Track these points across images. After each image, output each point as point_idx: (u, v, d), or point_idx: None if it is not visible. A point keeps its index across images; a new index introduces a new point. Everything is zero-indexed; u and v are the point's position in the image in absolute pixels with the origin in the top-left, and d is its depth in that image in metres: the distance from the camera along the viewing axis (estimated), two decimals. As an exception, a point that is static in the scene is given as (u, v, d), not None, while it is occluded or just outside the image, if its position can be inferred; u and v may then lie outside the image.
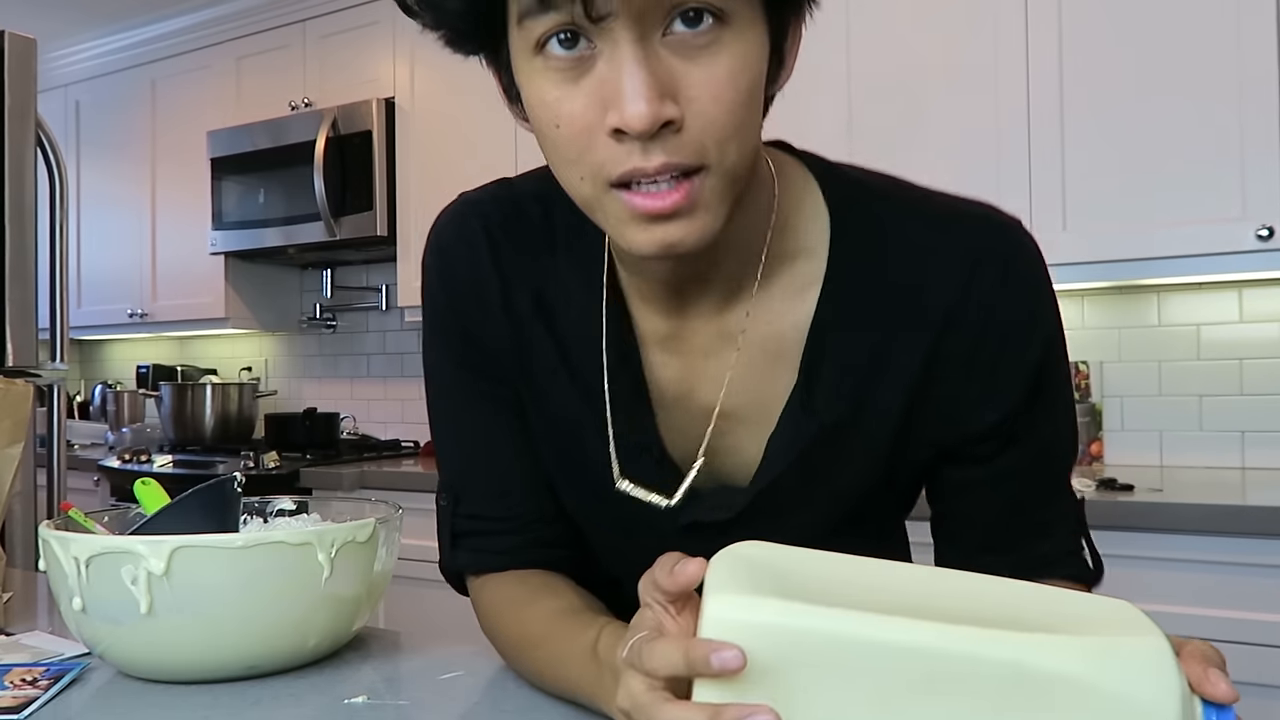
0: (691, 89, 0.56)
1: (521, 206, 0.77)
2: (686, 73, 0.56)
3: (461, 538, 0.83)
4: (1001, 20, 2.14)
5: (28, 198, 1.92)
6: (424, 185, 3.01)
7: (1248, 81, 1.92)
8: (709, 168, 0.58)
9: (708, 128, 0.57)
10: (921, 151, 2.18)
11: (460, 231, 0.79)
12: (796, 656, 0.49)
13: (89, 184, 3.85)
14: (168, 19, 3.59)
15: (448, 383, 0.83)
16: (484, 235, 0.77)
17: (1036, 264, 0.73)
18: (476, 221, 0.78)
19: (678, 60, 0.56)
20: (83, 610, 0.76)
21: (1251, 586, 1.66)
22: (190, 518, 0.82)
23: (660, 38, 0.56)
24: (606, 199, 0.59)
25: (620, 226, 0.60)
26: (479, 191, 0.80)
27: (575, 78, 0.57)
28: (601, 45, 0.56)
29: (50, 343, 2.02)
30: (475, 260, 0.77)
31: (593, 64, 0.57)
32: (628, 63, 0.55)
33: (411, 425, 3.44)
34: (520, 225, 0.77)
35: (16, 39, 1.91)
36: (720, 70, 0.56)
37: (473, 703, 0.75)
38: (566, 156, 0.60)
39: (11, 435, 1.03)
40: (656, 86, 0.55)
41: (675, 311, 0.73)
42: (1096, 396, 2.34)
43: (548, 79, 0.58)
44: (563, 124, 0.58)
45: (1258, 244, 1.90)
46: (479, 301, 0.78)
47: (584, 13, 0.54)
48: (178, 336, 4.05)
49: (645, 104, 0.54)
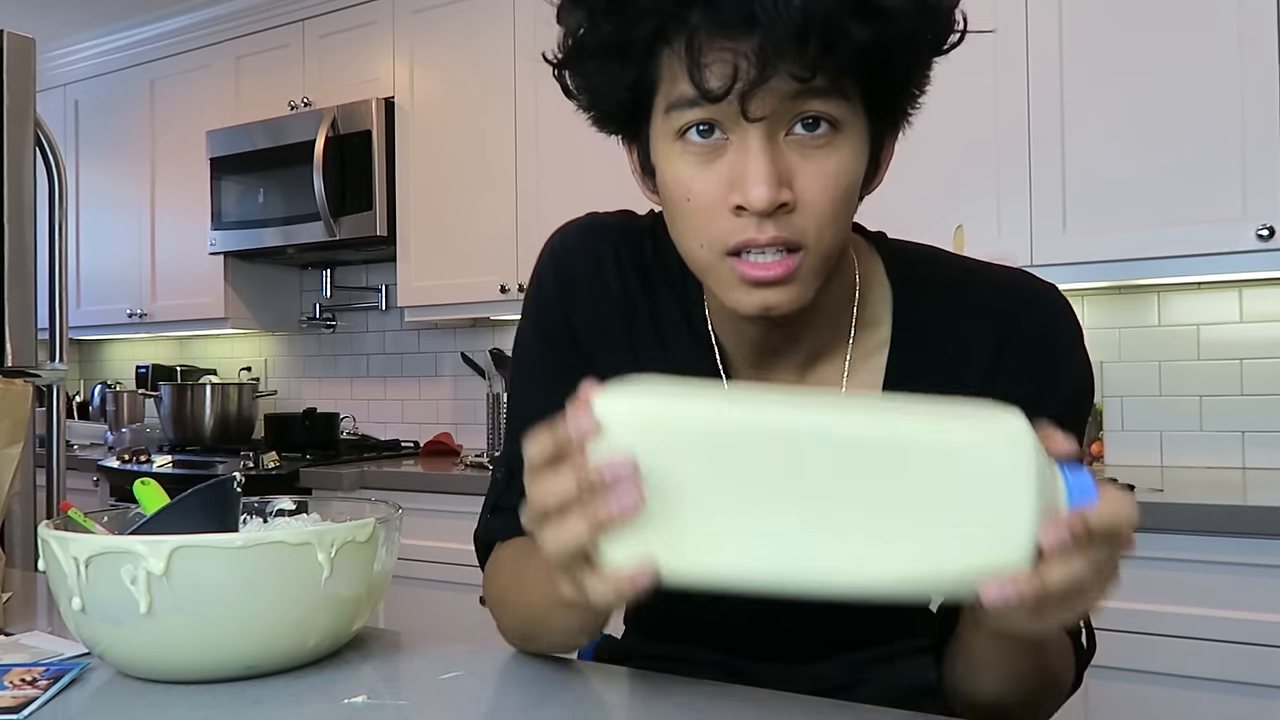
0: (804, 180, 0.68)
1: (643, 239, 0.87)
2: (801, 167, 0.68)
3: (501, 511, 0.88)
4: (1001, 20, 2.14)
5: (27, 198, 1.92)
6: (424, 185, 3.01)
7: (1248, 82, 1.92)
8: (808, 248, 0.69)
9: (813, 214, 0.69)
10: (921, 153, 2.18)
11: (587, 238, 0.89)
12: (671, 443, 0.53)
13: (88, 184, 3.84)
14: (166, 19, 3.59)
15: (533, 362, 0.90)
16: (611, 247, 0.87)
17: (1067, 321, 0.82)
18: (602, 234, 0.89)
19: (795, 155, 0.68)
20: (82, 610, 0.76)
21: (1251, 586, 1.66)
22: (190, 518, 0.82)
23: (783, 135, 0.68)
24: (720, 265, 0.71)
25: (728, 289, 0.72)
26: (607, 214, 0.92)
27: (709, 161, 0.69)
28: (734, 137, 0.68)
29: (50, 343, 2.02)
30: (600, 265, 0.87)
31: (724, 151, 0.69)
32: (755, 153, 0.67)
33: (411, 425, 3.44)
34: (641, 254, 0.87)
35: (15, 39, 1.91)
36: (829, 168, 0.68)
37: (473, 703, 0.75)
38: (692, 226, 0.71)
39: (11, 435, 1.02)
40: (776, 175, 0.67)
41: (760, 370, 0.83)
42: (1097, 397, 2.34)
43: (685, 160, 0.70)
44: (693, 198, 0.70)
45: (1258, 244, 1.90)
46: (592, 300, 0.86)
47: (740, 112, 0.66)
48: (177, 336, 4.05)
49: (766, 188, 0.66)
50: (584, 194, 2.41)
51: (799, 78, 0.64)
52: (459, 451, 3.09)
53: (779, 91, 0.65)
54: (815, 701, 0.73)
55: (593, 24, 0.69)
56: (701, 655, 0.92)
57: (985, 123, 2.16)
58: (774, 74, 0.64)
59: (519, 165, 2.83)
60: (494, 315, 2.99)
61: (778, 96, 0.66)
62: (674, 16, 0.65)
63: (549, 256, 0.90)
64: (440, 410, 3.39)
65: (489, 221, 2.89)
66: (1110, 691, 1.75)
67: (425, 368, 3.45)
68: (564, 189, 2.71)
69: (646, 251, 0.87)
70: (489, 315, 3.00)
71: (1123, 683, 1.74)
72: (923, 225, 2.19)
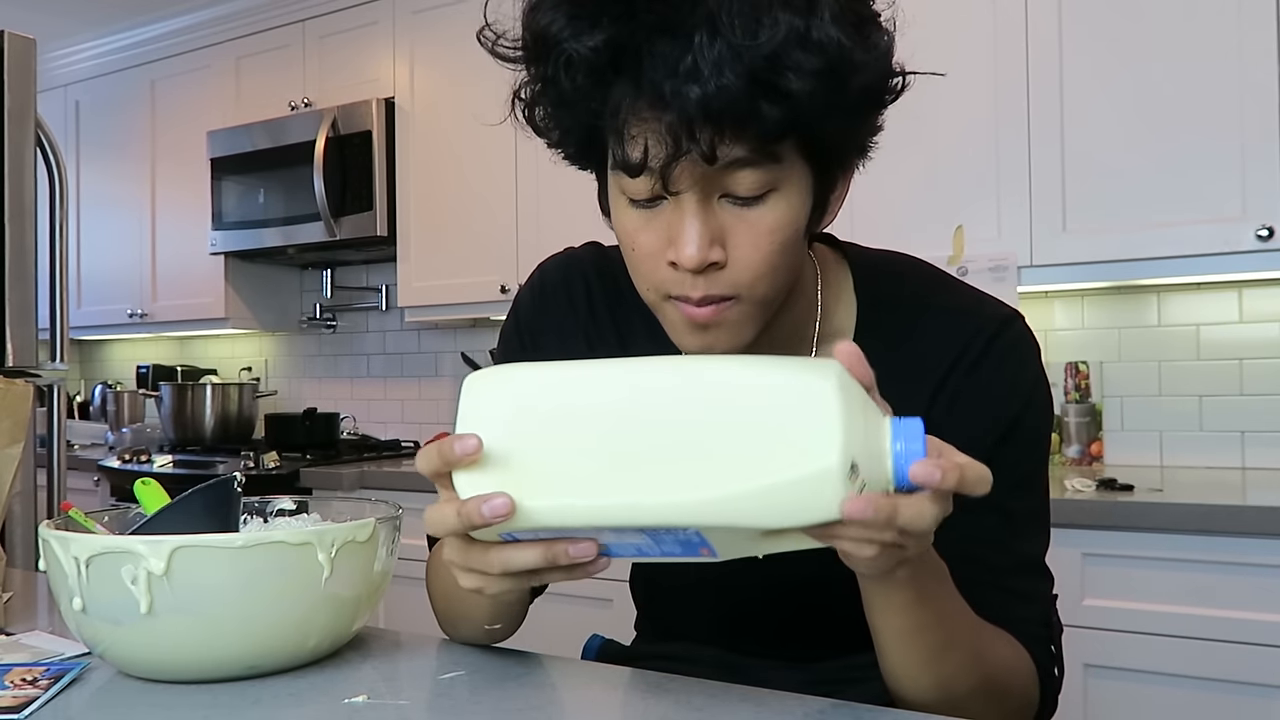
0: (736, 238, 0.71)
1: (615, 269, 0.91)
2: (734, 226, 0.71)
3: None
4: (1001, 18, 2.14)
5: (28, 198, 1.92)
6: (424, 185, 3.01)
7: (1248, 83, 1.92)
8: (740, 298, 0.73)
9: (745, 270, 0.72)
10: (921, 153, 2.18)
11: (561, 273, 0.96)
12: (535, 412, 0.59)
13: (89, 184, 3.85)
14: (167, 19, 3.59)
15: None
16: (582, 280, 0.94)
17: (1023, 344, 0.84)
18: (577, 267, 0.95)
19: (729, 215, 0.71)
20: (83, 610, 0.76)
21: (1251, 586, 1.66)
22: (190, 518, 0.82)
23: (717, 199, 0.71)
24: (665, 306, 0.76)
25: (673, 330, 0.77)
26: (580, 249, 0.98)
27: (650, 218, 0.73)
28: (670, 201, 0.71)
29: (50, 343, 2.02)
30: (572, 297, 0.94)
31: (664, 210, 0.72)
32: (687, 216, 0.70)
33: (411, 425, 3.44)
34: (615, 283, 0.92)
35: (16, 39, 1.91)
36: (763, 227, 0.71)
37: (473, 703, 0.75)
38: (638, 271, 0.76)
39: (11, 435, 1.03)
40: (708, 235, 0.70)
41: None
42: (1096, 396, 2.34)
43: (629, 213, 0.74)
44: (637, 248, 0.75)
45: (1258, 244, 1.90)
46: (561, 331, 0.93)
47: (662, 187, 0.70)
48: (178, 336, 4.05)
49: (696, 250, 0.70)
50: (584, 194, 2.40)
51: (708, 159, 0.66)
52: (459, 451, 3.09)
53: (697, 167, 0.68)
54: (815, 701, 0.73)
55: (536, 88, 0.73)
56: (702, 654, 0.92)
57: (985, 124, 2.15)
58: (686, 153, 0.66)
59: (519, 165, 2.83)
60: (494, 315, 2.99)
61: (697, 171, 0.68)
62: (596, 92, 0.68)
63: (528, 291, 0.97)
64: (440, 410, 3.39)
65: (489, 221, 2.89)
66: (1110, 691, 1.76)
67: (425, 368, 3.45)
68: (564, 189, 2.71)
69: (621, 281, 0.88)
70: (489, 315, 3.00)
71: (1123, 683, 1.75)
72: (923, 225, 2.19)
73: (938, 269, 0.91)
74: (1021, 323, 0.85)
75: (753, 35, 0.63)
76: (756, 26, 0.63)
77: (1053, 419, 0.88)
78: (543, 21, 0.68)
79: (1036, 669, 0.81)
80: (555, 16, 0.67)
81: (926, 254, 0.94)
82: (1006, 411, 0.82)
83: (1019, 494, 0.83)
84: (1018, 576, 0.82)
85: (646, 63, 0.65)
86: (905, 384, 0.82)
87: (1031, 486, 0.85)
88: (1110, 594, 1.76)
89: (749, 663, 0.90)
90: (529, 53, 0.71)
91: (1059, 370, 2.33)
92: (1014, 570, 0.82)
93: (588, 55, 0.66)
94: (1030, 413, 0.83)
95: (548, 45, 0.68)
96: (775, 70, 0.64)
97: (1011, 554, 0.82)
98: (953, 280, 0.89)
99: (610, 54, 0.66)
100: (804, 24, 0.64)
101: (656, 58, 0.64)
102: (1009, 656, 0.79)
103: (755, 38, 0.63)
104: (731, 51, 0.63)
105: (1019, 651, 0.79)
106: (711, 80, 0.63)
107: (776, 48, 0.63)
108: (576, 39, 0.66)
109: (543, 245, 2.60)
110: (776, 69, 0.64)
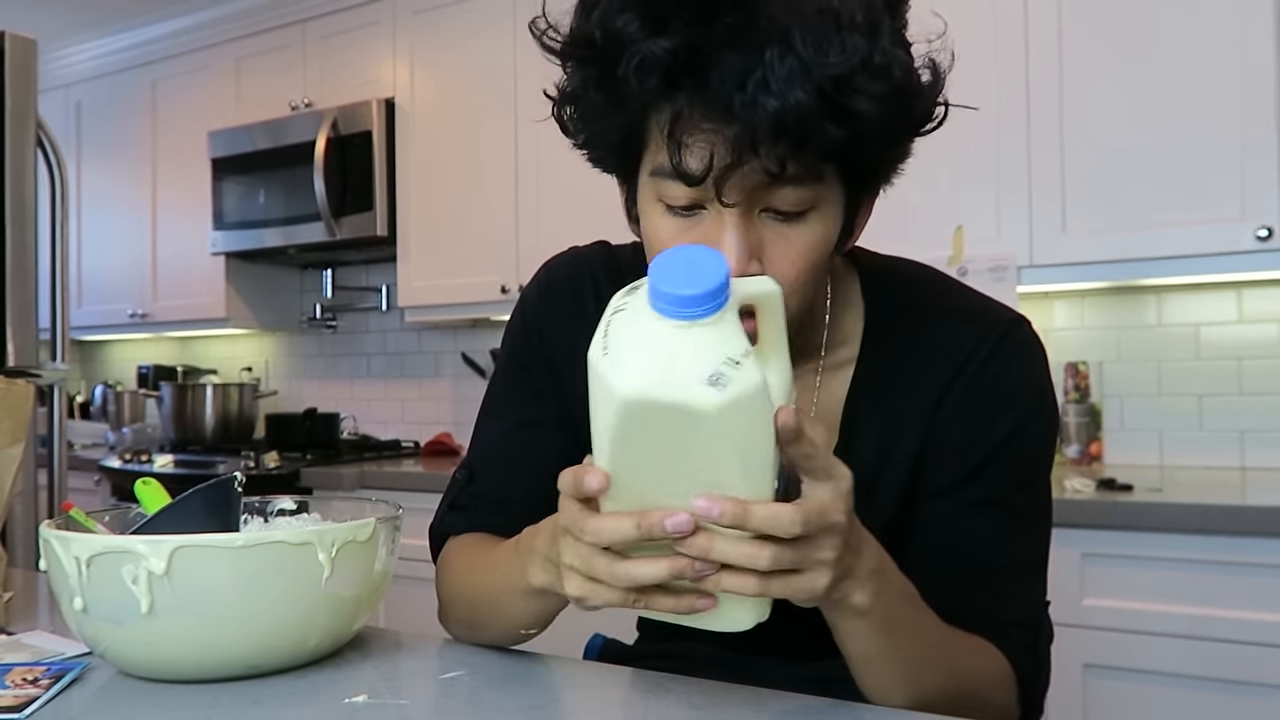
0: (774, 253, 0.72)
1: (623, 268, 0.92)
2: (773, 242, 0.72)
3: (458, 509, 0.94)
4: (1001, 17, 2.14)
5: (28, 198, 1.92)
6: (424, 185, 3.01)
7: (1248, 83, 1.92)
8: None
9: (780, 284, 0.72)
10: (921, 154, 2.17)
11: (568, 271, 0.95)
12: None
13: (89, 184, 3.85)
14: (168, 19, 3.59)
15: (507, 378, 0.98)
16: (590, 279, 0.93)
17: (1029, 348, 0.85)
18: (584, 266, 0.95)
19: (768, 230, 0.72)
20: (83, 610, 0.76)
21: (1250, 586, 1.66)
22: (191, 517, 0.82)
23: (758, 212, 0.72)
24: None
25: None
26: (588, 248, 0.98)
27: (688, 226, 0.73)
28: (710, 209, 0.72)
29: (51, 343, 2.03)
30: (580, 296, 0.93)
31: (702, 220, 0.72)
32: (729, 229, 0.70)
33: (411, 425, 3.44)
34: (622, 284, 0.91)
35: (17, 39, 1.92)
36: (800, 244, 0.73)
37: (473, 703, 0.75)
38: None
39: (12, 435, 1.03)
40: (747, 249, 0.71)
41: None
42: (1096, 396, 2.34)
43: (665, 221, 0.74)
44: None
45: (1257, 244, 1.90)
46: (569, 330, 0.91)
47: (715, 197, 0.69)
48: (178, 337, 4.05)
49: (736, 262, 0.70)
50: (584, 194, 2.41)
51: (770, 172, 0.67)
52: (459, 451, 3.09)
53: (753, 179, 0.68)
54: (815, 700, 0.73)
55: (585, 85, 0.72)
56: (702, 653, 0.92)
57: (986, 124, 2.15)
58: (747, 164, 0.67)
59: (519, 165, 2.83)
60: (494, 315, 2.99)
61: (751, 183, 0.69)
62: (662, 95, 0.68)
63: (534, 289, 0.97)
64: (440, 410, 3.39)
65: (489, 221, 2.89)
66: (1110, 691, 1.76)
67: (426, 368, 3.45)
68: (564, 189, 2.71)
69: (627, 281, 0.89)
70: (489, 315, 3.00)
71: (1122, 682, 1.75)
72: (923, 225, 2.19)
73: (945, 275, 0.92)
74: (1028, 327, 0.86)
75: (824, 54, 0.64)
76: (827, 46, 0.64)
77: (1058, 423, 0.89)
78: (616, 21, 0.68)
79: (1017, 677, 0.81)
80: (629, 17, 0.67)
81: (926, 254, 0.95)
82: (1012, 415, 0.82)
83: (1020, 495, 0.84)
84: (1011, 579, 0.83)
85: (714, 72, 0.65)
86: (912, 388, 0.84)
87: (1033, 489, 0.85)
88: (1109, 594, 1.76)
89: (750, 662, 0.90)
90: (592, 50, 0.70)
91: (1059, 370, 2.33)
92: (1008, 570, 0.82)
93: (663, 57, 0.66)
94: (1035, 416, 0.84)
95: (620, 44, 0.67)
96: (844, 91, 0.65)
97: (1008, 553, 0.82)
98: (959, 285, 0.90)
99: (684, 57, 0.66)
100: (869, 46, 0.65)
101: (725, 68, 0.65)
102: (985, 668, 0.79)
103: (826, 56, 0.64)
104: (803, 69, 0.63)
105: (997, 661, 0.80)
106: (783, 95, 0.63)
107: (849, 69, 0.64)
108: (651, 40, 0.66)
109: (543, 245, 2.60)
110: (845, 90, 0.65)
